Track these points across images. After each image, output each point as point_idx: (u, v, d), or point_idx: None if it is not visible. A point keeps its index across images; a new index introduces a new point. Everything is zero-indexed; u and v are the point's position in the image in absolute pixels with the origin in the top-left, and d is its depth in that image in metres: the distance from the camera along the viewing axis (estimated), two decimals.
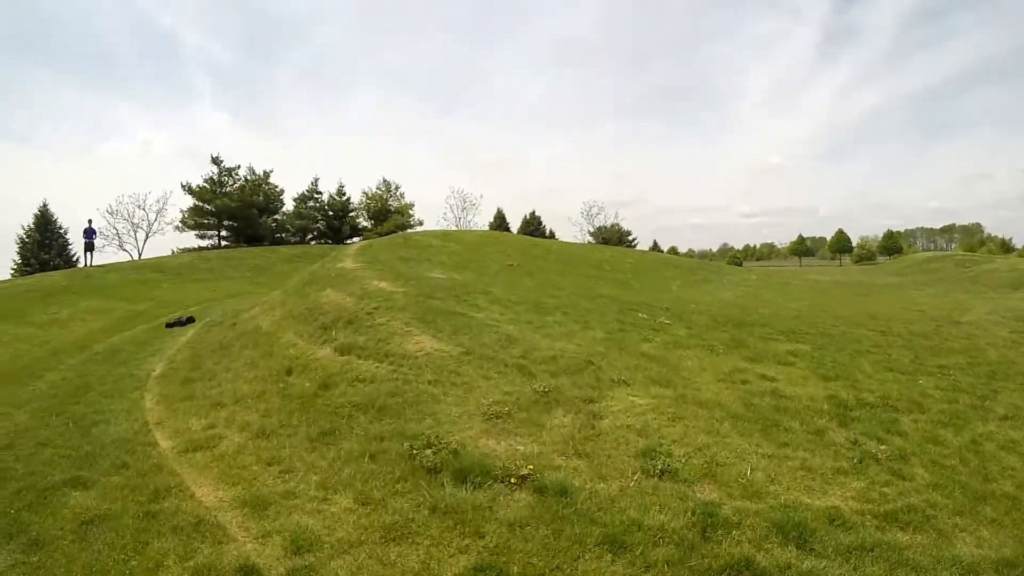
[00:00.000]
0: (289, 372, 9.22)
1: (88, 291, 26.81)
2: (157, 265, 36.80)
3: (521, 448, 5.97)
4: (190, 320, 18.24)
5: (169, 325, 17.85)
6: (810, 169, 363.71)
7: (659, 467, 5.53)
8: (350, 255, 19.30)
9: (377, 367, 8.43)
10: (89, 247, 33.98)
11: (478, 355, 8.54)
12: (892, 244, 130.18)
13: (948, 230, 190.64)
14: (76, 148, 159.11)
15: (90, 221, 34.61)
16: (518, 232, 68.83)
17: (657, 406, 7.06)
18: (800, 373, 9.16)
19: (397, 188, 67.10)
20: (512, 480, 5.32)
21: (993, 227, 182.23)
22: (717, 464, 5.74)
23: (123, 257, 51.48)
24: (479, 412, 6.80)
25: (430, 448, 5.89)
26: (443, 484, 5.36)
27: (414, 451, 5.89)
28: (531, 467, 5.50)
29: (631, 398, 7.32)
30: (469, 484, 5.29)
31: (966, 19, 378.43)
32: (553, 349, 9.06)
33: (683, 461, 5.74)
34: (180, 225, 55.56)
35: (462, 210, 70.44)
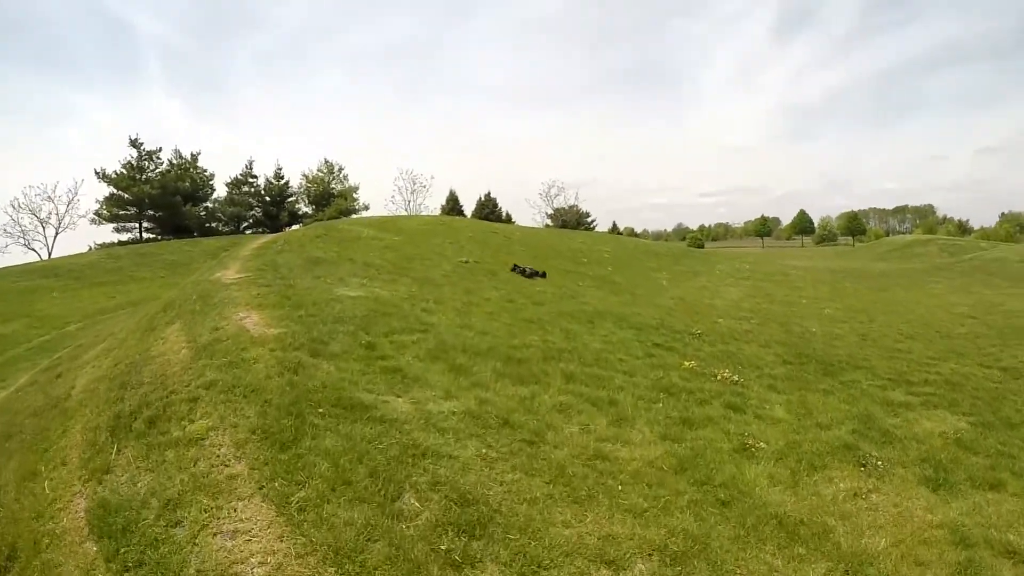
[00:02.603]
0: None
1: None
2: (53, 268, 30.81)
3: None
4: None
5: None
6: (767, 150, 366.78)
7: None
8: (241, 258, 14.14)
9: None
10: None
11: None
12: (855, 225, 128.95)
13: (900, 211, 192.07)
14: (16, 136, 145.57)
15: None
16: (472, 216, 63.51)
17: None
18: None
19: (340, 170, 60.98)
20: None
21: (945, 209, 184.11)
22: None
23: (32, 257, 44.64)
24: None
25: None
26: None
27: None
28: None
29: None
30: None
31: (927, 1, 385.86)
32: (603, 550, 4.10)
33: None
34: (95, 218, 48.52)
35: (411, 193, 64.31)
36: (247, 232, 52.77)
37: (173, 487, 4.30)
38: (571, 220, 68.85)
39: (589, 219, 73.83)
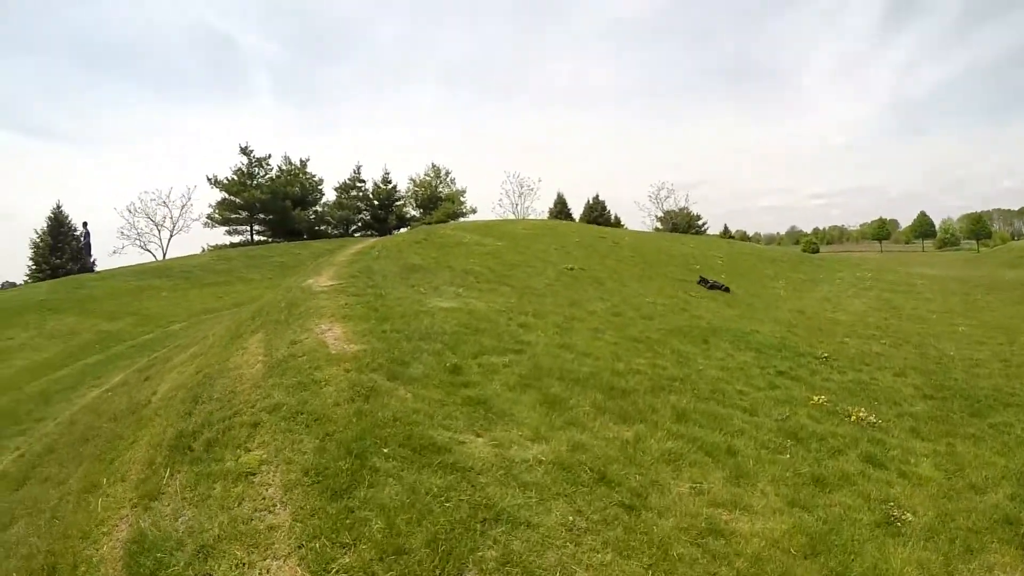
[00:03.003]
0: None
1: (67, 306, 22.94)
2: (165, 268, 32.68)
3: None
4: None
5: None
6: (877, 149, 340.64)
7: None
8: (336, 263, 14.04)
9: None
10: (86, 250, 30.12)
11: None
12: (980, 228, 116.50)
13: None
14: (122, 148, 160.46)
15: (84, 224, 30.51)
16: (580, 220, 62.38)
17: None
18: None
19: (447, 174, 61.57)
20: None
21: None
22: None
23: (147, 259, 48.08)
24: None
25: None
26: None
27: None
28: None
29: None
30: None
31: None
32: None
33: None
34: (208, 221, 51.54)
35: (519, 196, 64.07)
36: (356, 235, 54.39)
37: (211, 530, 3.76)
38: (681, 223, 66.25)
39: (700, 222, 70.77)
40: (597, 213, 65.90)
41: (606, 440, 5.23)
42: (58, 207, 41.93)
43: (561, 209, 65.89)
